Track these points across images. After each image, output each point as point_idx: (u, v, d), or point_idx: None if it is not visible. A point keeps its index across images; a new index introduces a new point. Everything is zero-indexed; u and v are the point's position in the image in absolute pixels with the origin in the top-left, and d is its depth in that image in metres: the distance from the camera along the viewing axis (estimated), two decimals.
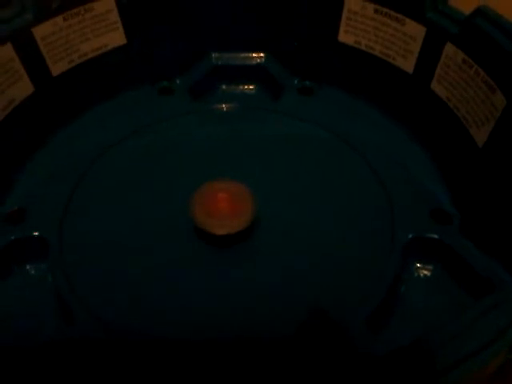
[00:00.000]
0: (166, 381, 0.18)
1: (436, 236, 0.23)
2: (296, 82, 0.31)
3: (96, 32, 0.28)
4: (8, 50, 0.24)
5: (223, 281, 0.22)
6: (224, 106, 0.30)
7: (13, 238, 0.22)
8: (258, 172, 0.26)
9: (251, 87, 0.32)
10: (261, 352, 0.19)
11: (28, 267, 0.23)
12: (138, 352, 0.19)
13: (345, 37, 0.29)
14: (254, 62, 0.32)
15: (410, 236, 0.23)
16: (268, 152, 0.27)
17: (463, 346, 0.15)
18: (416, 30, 0.26)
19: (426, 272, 0.23)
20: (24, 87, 0.26)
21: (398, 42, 0.27)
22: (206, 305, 0.21)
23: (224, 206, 0.22)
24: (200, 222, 0.22)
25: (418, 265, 0.23)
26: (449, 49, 0.25)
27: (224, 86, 0.32)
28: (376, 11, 0.27)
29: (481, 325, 0.16)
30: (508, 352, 0.15)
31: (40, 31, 0.26)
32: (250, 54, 0.32)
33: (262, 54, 0.32)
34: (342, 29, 0.29)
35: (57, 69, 0.27)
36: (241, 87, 0.32)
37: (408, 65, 0.27)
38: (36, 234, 0.23)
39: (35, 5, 0.25)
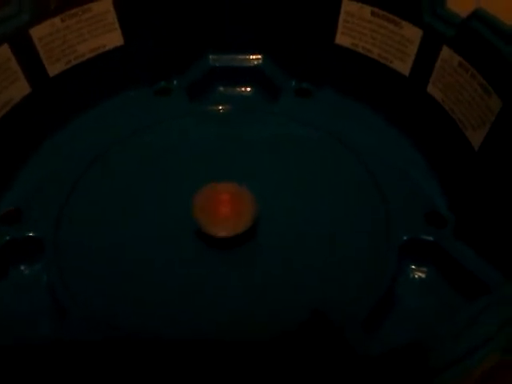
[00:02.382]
0: (165, 380, 0.18)
1: (431, 238, 0.23)
2: (293, 83, 0.31)
3: (93, 33, 0.28)
4: (5, 51, 0.24)
5: (224, 282, 0.22)
6: (221, 107, 0.30)
7: (8, 238, 0.23)
8: (256, 173, 0.26)
9: (248, 89, 0.32)
10: (260, 352, 0.19)
11: (23, 267, 0.23)
12: (135, 353, 0.19)
13: (342, 39, 0.29)
14: (251, 64, 0.32)
15: (405, 238, 0.23)
16: (265, 153, 0.27)
17: (457, 346, 0.15)
18: (413, 33, 0.26)
19: (420, 274, 0.23)
20: (21, 88, 0.26)
21: (395, 44, 0.27)
22: (206, 306, 0.21)
23: (226, 209, 0.22)
24: (202, 225, 0.22)
25: (413, 267, 0.23)
26: (445, 52, 0.25)
27: (221, 88, 0.32)
28: (373, 13, 0.27)
29: (474, 326, 0.16)
30: (502, 353, 0.15)
31: (37, 32, 0.26)
32: (248, 56, 0.32)
33: (259, 56, 0.32)
34: (339, 31, 0.29)
35: (54, 69, 0.27)
36: (238, 89, 0.32)
37: (404, 67, 0.27)
38: (32, 234, 0.23)
39: (33, 6, 0.25)
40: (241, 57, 0.32)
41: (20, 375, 0.16)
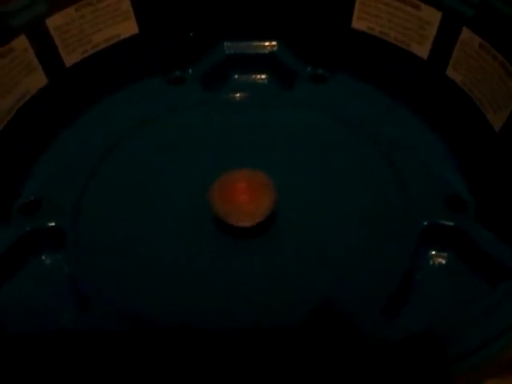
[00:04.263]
0: (180, 369, 0.18)
1: (451, 223, 0.22)
2: (309, 69, 0.31)
3: (108, 22, 0.28)
4: (22, 42, 0.25)
5: (241, 271, 0.22)
6: (237, 95, 0.30)
7: (29, 228, 0.23)
8: (272, 161, 0.26)
9: (263, 76, 0.32)
10: (275, 341, 0.19)
11: (44, 257, 0.23)
12: (152, 342, 0.19)
13: (358, 23, 0.29)
14: (266, 51, 0.32)
15: (426, 223, 0.22)
16: (282, 140, 0.27)
17: (476, 334, 0.15)
18: (431, 15, 0.25)
19: (441, 260, 0.23)
20: (38, 78, 0.26)
21: (413, 27, 0.26)
22: (223, 294, 0.21)
23: (244, 197, 0.22)
24: (221, 214, 0.22)
25: (433, 252, 0.23)
26: (465, 33, 0.24)
27: (236, 76, 0.32)
28: None
29: (497, 312, 0.15)
30: None
31: (53, 22, 0.26)
32: (262, 43, 0.32)
33: (274, 43, 0.32)
34: (355, 15, 0.29)
35: (70, 60, 0.27)
36: (253, 76, 0.32)
37: (423, 51, 0.27)
38: (52, 224, 0.23)
39: None
40: (255, 44, 0.32)
41: (39, 363, 0.16)
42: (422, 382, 0.15)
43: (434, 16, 0.25)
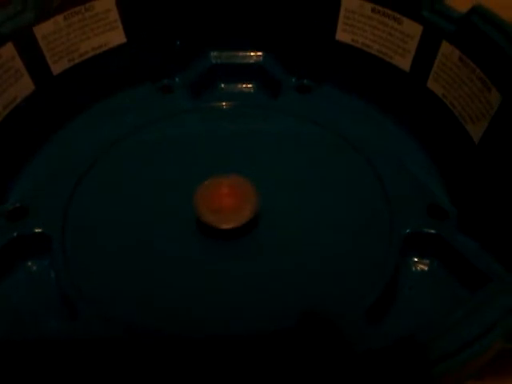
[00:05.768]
0: (168, 376, 0.18)
1: (433, 231, 0.23)
2: (294, 80, 0.32)
3: (96, 31, 0.28)
4: (9, 49, 0.25)
5: (226, 275, 0.22)
6: (223, 103, 0.30)
7: (15, 234, 0.23)
8: (257, 169, 0.26)
9: (250, 86, 0.33)
10: (262, 345, 0.19)
11: (30, 263, 0.23)
12: (141, 348, 0.19)
13: (342, 35, 0.29)
14: (252, 61, 0.32)
15: (408, 231, 0.23)
16: (267, 149, 0.28)
17: (456, 337, 0.15)
18: (413, 29, 0.26)
19: (423, 266, 0.23)
20: (25, 86, 0.26)
21: (396, 40, 0.27)
22: (209, 299, 0.21)
23: (227, 201, 0.23)
24: (204, 216, 0.22)
25: (416, 259, 0.23)
26: (445, 47, 0.25)
27: (223, 85, 0.33)
28: (373, 10, 0.27)
29: (474, 317, 0.16)
30: (504, 342, 0.15)
31: (41, 30, 0.26)
32: (248, 53, 0.33)
33: (260, 53, 0.32)
34: (339, 28, 0.29)
35: (57, 68, 0.27)
36: (239, 86, 0.33)
37: (405, 63, 0.27)
38: (38, 230, 0.23)
39: (36, 4, 0.25)
40: (242, 54, 0.32)
41: (26, 371, 0.16)
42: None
43: (415, 30, 0.26)
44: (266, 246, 0.23)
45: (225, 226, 0.22)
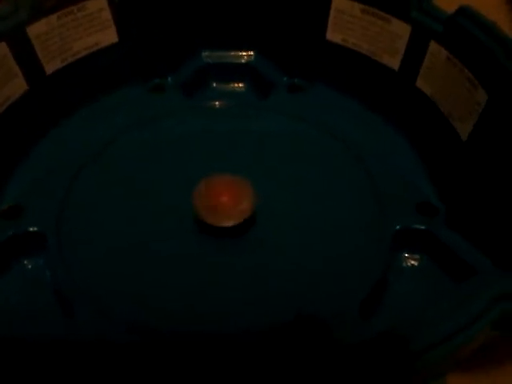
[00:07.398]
0: (166, 375, 0.19)
1: (423, 227, 0.23)
2: (285, 79, 0.32)
3: (88, 30, 0.28)
4: (2, 49, 0.25)
5: (224, 272, 0.23)
6: (215, 103, 0.31)
7: (10, 233, 0.23)
8: (249, 168, 0.26)
9: (241, 85, 0.33)
10: (258, 343, 0.20)
11: (26, 262, 0.23)
12: (139, 347, 0.19)
13: (332, 35, 0.30)
14: (243, 60, 0.33)
15: (398, 227, 0.23)
16: (259, 148, 0.28)
17: (440, 329, 0.16)
18: (402, 29, 0.27)
19: (413, 262, 0.24)
20: (18, 85, 0.26)
21: (385, 40, 0.28)
22: (206, 297, 0.22)
23: (225, 199, 0.23)
24: (202, 215, 0.23)
25: (406, 255, 0.24)
26: (433, 47, 0.26)
27: (214, 84, 0.33)
28: (363, 11, 0.28)
29: (458, 310, 0.16)
30: (490, 329, 0.16)
31: (34, 30, 0.26)
32: (240, 53, 0.33)
33: (251, 53, 0.33)
34: (329, 28, 0.30)
35: (50, 67, 0.28)
36: (231, 85, 0.33)
37: (394, 62, 0.28)
38: (34, 229, 0.23)
39: (29, 4, 0.25)
40: (233, 53, 0.33)
41: (23, 369, 0.16)
42: (389, 376, 0.15)
43: (404, 30, 0.27)
44: (262, 244, 0.24)
45: (222, 224, 0.23)
